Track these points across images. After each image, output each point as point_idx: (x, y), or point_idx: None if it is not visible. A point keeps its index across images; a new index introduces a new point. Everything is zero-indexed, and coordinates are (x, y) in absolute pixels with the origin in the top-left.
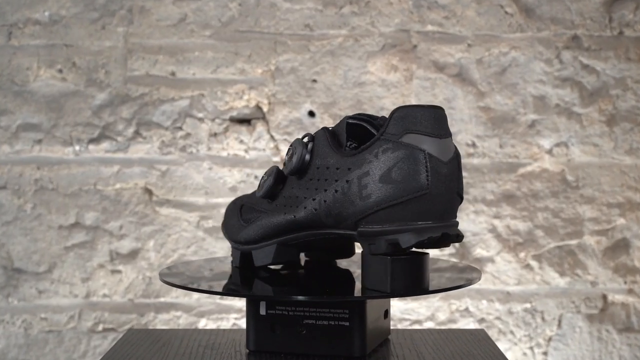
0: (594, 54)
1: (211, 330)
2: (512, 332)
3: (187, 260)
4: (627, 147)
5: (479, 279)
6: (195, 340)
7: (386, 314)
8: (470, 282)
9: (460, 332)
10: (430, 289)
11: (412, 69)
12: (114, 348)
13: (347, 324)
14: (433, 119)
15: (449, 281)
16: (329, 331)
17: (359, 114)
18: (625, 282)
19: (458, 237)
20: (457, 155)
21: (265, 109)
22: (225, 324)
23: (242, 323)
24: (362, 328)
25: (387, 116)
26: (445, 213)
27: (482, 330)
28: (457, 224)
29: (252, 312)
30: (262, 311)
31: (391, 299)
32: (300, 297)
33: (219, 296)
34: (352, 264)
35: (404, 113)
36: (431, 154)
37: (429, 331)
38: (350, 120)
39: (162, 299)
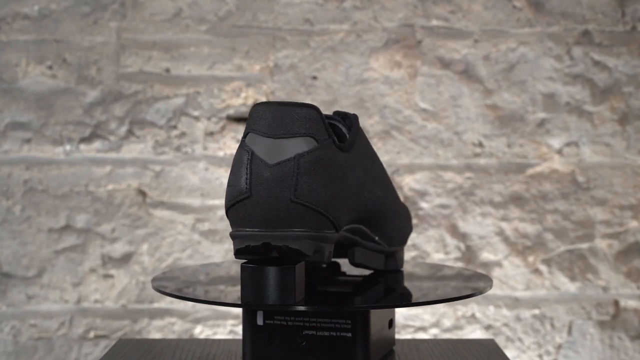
0: (605, 49)
1: (206, 341)
2: (520, 340)
3: (182, 264)
4: None
5: (490, 287)
6: (189, 351)
7: (391, 323)
8: (478, 292)
9: (468, 342)
10: (434, 298)
11: (416, 65)
12: None
13: (349, 335)
14: (271, 117)
15: (455, 290)
16: (331, 342)
17: (334, 113)
18: (638, 287)
19: (289, 250)
20: (298, 157)
21: None
22: (222, 331)
23: (240, 329)
24: (366, 339)
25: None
26: (271, 221)
27: (491, 341)
28: (293, 236)
29: (248, 322)
30: (260, 321)
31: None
32: (299, 307)
33: None
34: (357, 271)
35: (253, 110)
36: (255, 155)
37: (436, 341)
38: None
39: (156, 305)
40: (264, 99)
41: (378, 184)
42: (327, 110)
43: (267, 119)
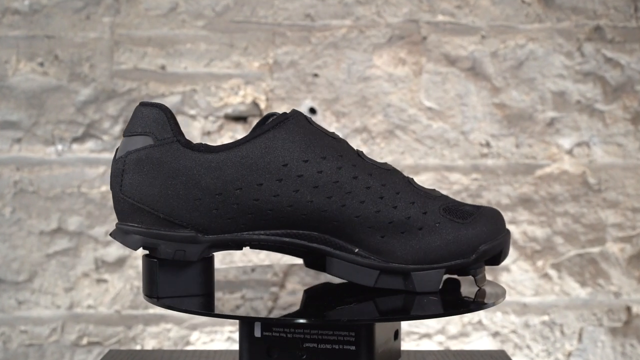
0: (618, 46)
1: (201, 352)
2: (528, 347)
3: None
4: None
5: (503, 298)
6: None
7: (396, 334)
8: (490, 304)
9: (478, 354)
10: (440, 308)
11: (421, 62)
12: None
13: (353, 348)
14: (132, 116)
15: (462, 299)
16: (333, 356)
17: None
18: None
19: (115, 238)
20: (126, 155)
21: (262, 105)
22: (220, 337)
23: (238, 337)
24: (370, 352)
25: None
26: (117, 214)
27: (502, 352)
28: (123, 230)
29: (245, 334)
30: (257, 333)
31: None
32: (300, 320)
33: None
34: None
35: None
36: (116, 153)
37: (444, 353)
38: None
39: (151, 311)
40: (263, 97)
41: (302, 188)
42: (328, 109)
43: (131, 118)
